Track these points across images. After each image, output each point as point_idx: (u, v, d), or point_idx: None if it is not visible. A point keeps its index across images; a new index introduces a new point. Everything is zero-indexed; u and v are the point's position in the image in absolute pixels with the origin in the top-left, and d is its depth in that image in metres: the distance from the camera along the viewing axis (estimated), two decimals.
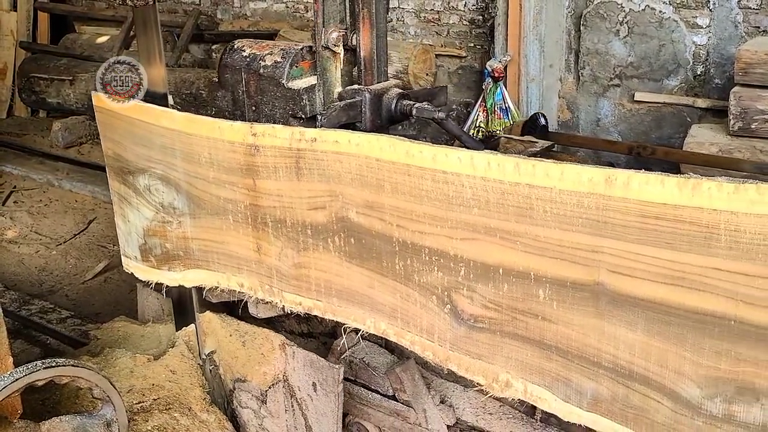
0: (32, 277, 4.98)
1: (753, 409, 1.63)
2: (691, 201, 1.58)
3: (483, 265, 1.94)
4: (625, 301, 1.74)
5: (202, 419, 2.66)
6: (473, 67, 6.37)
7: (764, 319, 1.56)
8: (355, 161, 2.08)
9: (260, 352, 2.73)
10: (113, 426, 2.24)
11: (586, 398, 1.88)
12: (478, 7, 6.27)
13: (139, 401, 2.60)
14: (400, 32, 6.72)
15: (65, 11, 8.57)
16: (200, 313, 2.81)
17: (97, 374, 2.18)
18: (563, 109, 5.91)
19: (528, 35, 5.67)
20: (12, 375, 2.03)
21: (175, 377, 2.74)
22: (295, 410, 2.72)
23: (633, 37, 5.47)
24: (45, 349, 3.83)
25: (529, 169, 1.78)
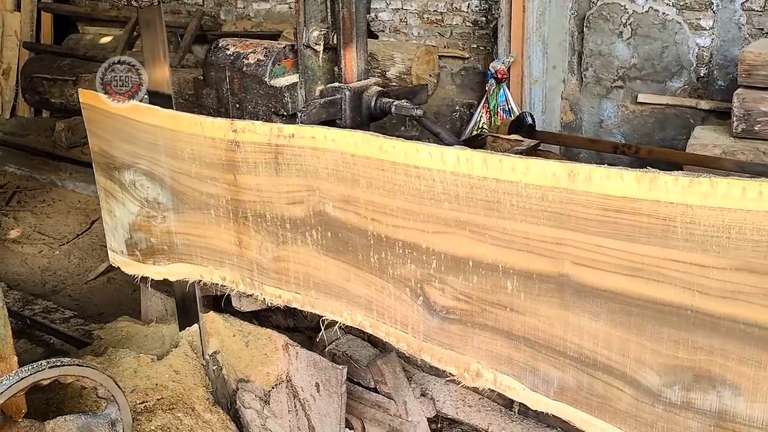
0: (35, 277, 5.03)
1: (709, 396, 1.68)
2: (648, 194, 1.63)
3: (454, 258, 1.99)
4: (588, 292, 1.79)
5: (205, 419, 2.68)
6: (476, 68, 6.40)
7: (718, 309, 1.61)
8: (331, 156, 2.14)
9: (263, 352, 2.76)
10: (118, 425, 2.25)
11: (553, 387, 1.93)
12: (481, 8, 6.30)
13: (143, 401, 2.61)
14: (404, 33, 6.75)
15: (69, 12, 8.61)
16: (204, 314, 2.83)
17: (102, 374, 2.20)
18: (566, 111, 5.92)
19: (531, 37, 5.69)
20: (17, 374, 2.03)
21: (178, 377, 2.75)
22: (298, 411, 2.75)
23: (636, 38, 5.48)
24: (48, 348, 3.88)
25: (496, 164, 1.83)
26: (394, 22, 6.82)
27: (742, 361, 1.61)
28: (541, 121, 5.72)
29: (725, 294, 1.60)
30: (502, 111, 5.67)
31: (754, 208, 1.51)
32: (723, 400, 1.67)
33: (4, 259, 5.19)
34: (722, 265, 1.58)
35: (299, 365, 2.66)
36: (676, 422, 1.74)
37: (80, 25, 8.51)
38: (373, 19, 6.84)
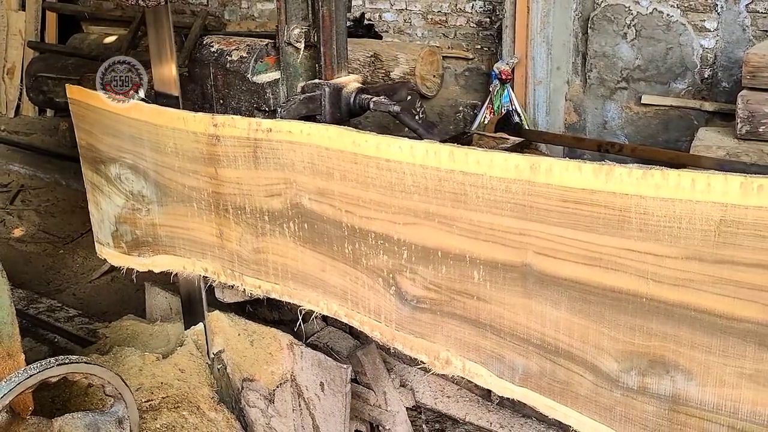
0: (40, 276, 5.06)
1: (663, 381, 1.75)
2: (605, 186, 1.69)
3: (423, 249, 2.05)
4: (550, 281, 1.85)
5: (210, 418, 2.70)
6: (480, 69, 6.41)
7: (671, 296, 1.67)
8: (307, 150, 2.20)
9: (268, 351, 2.80)
10: (125, 423, 2.26)
11: (518, 373, 1.99)
12: (485, 9, 6.31)
13: (148, 399, 2.63)
14: (407, 34, 6.77)
15: (73, 11, 8.58)
16: (209, 312, 2.86)
17: (109, 371, 2.20)
18: (570, 112, 5.93)
19: (535, 38, 5.71)
20: (26, 371, 2.05)
21: (183, 376, 2.77)
22: (303, 410, 2.79)
23: (640, 40, 5.48)
24: (53, 347, 3.88)
25: (463, 157, 1.89)
26: (398, 23, 6.83)
27: (694, 347, 1.68)
28: (545, 122, 5.79)
29: (677, 282, 1.66)
30: (506, 112, 5.63)
31: (702, 199, 1.57)
32: (676, 385, 1.73)
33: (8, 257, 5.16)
34: (674, 254, 1.64)
35: (304, 364, 2.69)
36: (634, 406, 1.81)
37: (85, 24, 8.50)
38: (377, 19, 6.86)
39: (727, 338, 1.63)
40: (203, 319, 2.84)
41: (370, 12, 6.91)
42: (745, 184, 1.52)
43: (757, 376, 1.61)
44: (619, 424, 1.85)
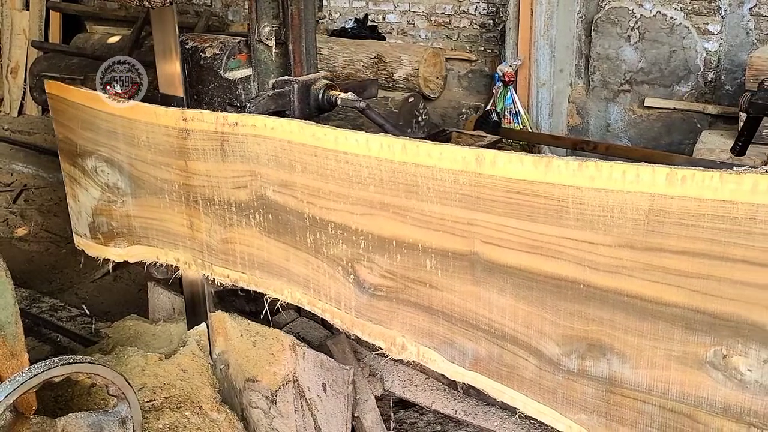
0: (42, 275, 5.05)
1: (600, 364, 1.83)
2: (545, 177, 1.78)
3: (379, 238, 2.13)
4: (496, 269, 1.93)
5: (212, 418, 2.70)
6: (483, 71, 6.40)
7: (606, 283, 1.76)
8: (270, 143, 2.28)
9: (270, 352, 2.80)
10: (128, 423, 2.26)
11: (468, 358, 2.07)
12: (488, 11, 6.32)
13: (151, 399, 2.64)
14: (411, 35, 6.77)
15: (77, 11, 8.55)
16: (212, 313, 2.86)
17: (113, 371, 2.21)
18: (573, 114, 5.94)
19: (539, 40, 5.71)
20: (30, 371, 2.05)
21: (186, 376, 2.77)
22: (305, 411, 2.79)
23: (644, 42, 5.49)
24: (55, 346, 3.89)
25: (414, 150, 1.98)
26: (402, 24, 6.84)
27: (627, 331, 1.76)
28: (548, 124, 5.79)
29: (611, 269, 1.74)
30: (509, 114, 5.69)
31: (632, 189, 1.66)
32: (612, 368, 1.81)
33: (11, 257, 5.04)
34: (608, 242, 1.73)
35: (306, 365, 2.70)
36: (574, 389, 1.89)
37: (88, 24, 8.50)
38: (380, 21, 6.88)
39: (656, 322, 1.71)
40: (206, 320, 2.86)
41: (373, 13, 6.94)
42: (671, 174, 1.61)
43: (685, 358, 1.70)
44: (561, 405, 1.93)
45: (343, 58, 6.13)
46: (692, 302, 1.65)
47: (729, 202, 1.55)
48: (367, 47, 6.20)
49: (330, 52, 6.16)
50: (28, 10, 8.16)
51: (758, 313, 1.57)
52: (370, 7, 6.96)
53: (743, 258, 1.56)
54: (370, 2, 6.97)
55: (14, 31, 8.12)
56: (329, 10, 7.21)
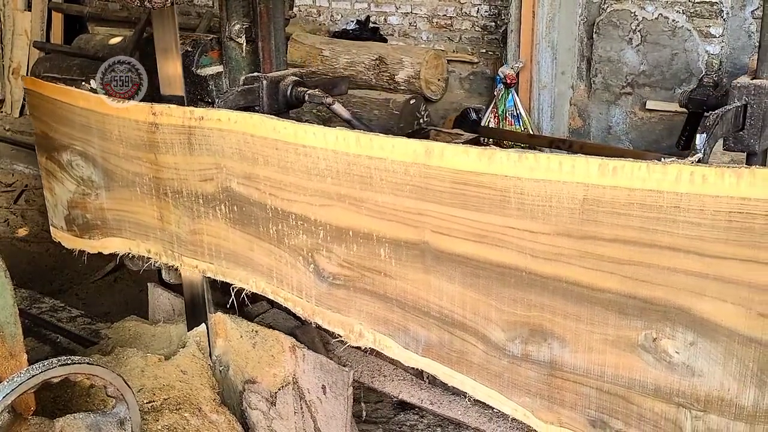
0: (43, 276, 5.01)
1: (542, 348, 1.90)
2: (489, 169, 1.85)
3: (337, 228, 2.21)
4: (445, 257, 2.00)
5: (211, 420, 2.68)
6: (485, 73, 6.39)
7: (546, 270, 1.83)
8: (234, 137, 2.36)
9: (270, 353, 2.79)
10: (126, 424, 2.25)
11: (421, 344, 2.14)
12: (490, 13, 6.32)
13: (150, 401, 2.62)
14: (413, 37, 6.77)
15: (79, 12, 8.51)
16: (212, 314, 2.86)
17: (112, 372, 2.20)
18: (574, 117, 5.93)
19: (540, 42, 5.71)
20: (29, 371, 2.03)
21: (185, 377, 2.76)
22: (305, 412, 2.79)
23: (645, 45, 5.47)
24: (55, 347, 3.85)
25: (368, 143, 2.05)
26: (404, 26, 6.85)
27: (566, 316, 1.83)
28: (549, 126, 5.79)
29: (550, 257, 1.82)
30: (511, 116, 5.69)
31: (568, 180, 1.73)
32: (553, 352, 1.89)
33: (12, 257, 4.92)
34: (547, 230, 1.80)
35: (306, 367, 2.70)
36: (519, 373, 1.96)
37: (90, 25, 8.47)
38: (382, 23, 6.89)
39: (593, 308, 1.79)
40: (206, 321, 2.86)
41: (375, 15, 6.95)
42: (603, 165, 1.69)
43: (618, 342, 1.77)
44: (507, 389, 2.01)
45: (344, 60, 6.15)
46: (624, 288, 1.72)
47: (655, 191, 1.62)
48: (368, 49, 6.21)
49: (331, 54, 6.18)
50: (30, 10, 8.16)
51: (684, 297, 1.65)
52: (372, 9, 6.98)
53: (669, 245, 1.64)
54: (372, 4, 6.99)
55: (16, 31, 8.13)
56: (331, 11, 7.23)
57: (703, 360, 1.66)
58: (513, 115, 5.68)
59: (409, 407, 3.39)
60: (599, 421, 1.86)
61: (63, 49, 7.83)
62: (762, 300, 1.55)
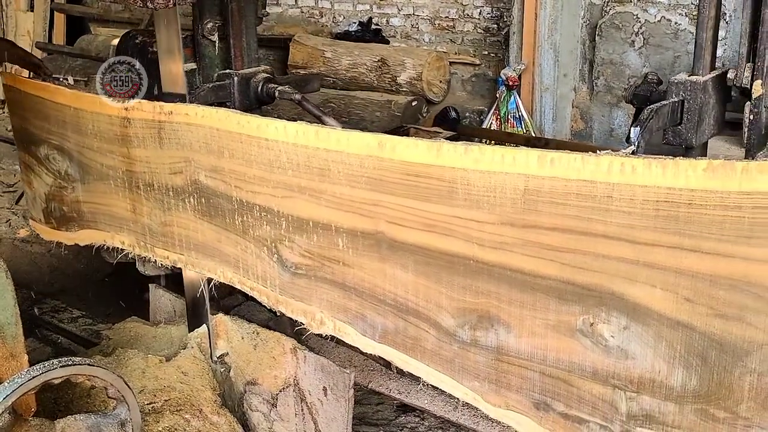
0: (44, 277, 5.02)
1: (490, 334, 1.98)
2: (437, 160, 1.92)
3: (298, 219, 2.28)
4: (399, 247, 2.08)
5: (212, 421, 2.70)
6: (487, 75, 6.39)
7: (492, 258, 1.90)
8: (201, 131, 2.43)
9: (271, 355, 2.80)
10: (127, 426, 2.26)
11: (378, 331, 2.22)
12: (492, 15, 6.31)
13: (151, 402, 2.64)
14: (415, 39, 6.77)
15: (81, 13, 8.53)
16: (213, 315, 2.89)
17: (112, 374, 2.21)
18: (577, 119, 5.91)
19: (543, 44, 5.71)
20: (29, 372, 2.04)
21: (186, 379, 2.78)
22: (305, 414, 2.79)
23: (648, 48, 5.47)
24: (56, 347, 3.90)
25: (326, 136, 2.13)
26: (406, 28, 6.86)
27: (511, 303, 1.91)
28: (551, 129, 5.80)
29: (495, 245, 1.89)
30: (513, 118, 5.70)
31: (510, 171, 1.81)
32: (499, 337, 1.96)
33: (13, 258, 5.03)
34: (492, 220, 1.87)
35: (307, 369, 2.71)
36: (468, 358, 2.04)
37: (93, 26, 8.46)
38: (384, 24, 6.91)
39: (535, 294, 1.86)
40: (207, 322, 2.88)
41: (377, 17, 6.97)
42: (541, 157, 1.76)
43: (559, 327, 1.85)
44: (458, 374, 2.08)
45: (346, 62, 6.16)
46: (563, 274, 1.80)
47: (590, 181, 1.70)
48: (370, 50, 6.21)
49: (334, 55, 6.20)
50: (32, 11, 8.19)
51: (618, 283, 1.72)
52: (374, 11, 6.99)
53: (603, 233, 1.71)
54: (374, 5, 7.01)
55: (18, 32, 8.16)
56: (333, 12, 7.25)
57: (636, 343, 1.73)
58: (515, 118, 5.70)
59: (409, 410, 3.41)
60: (543, 403, 1.94)
61: (65, 50, 7.94)
62: (687, 285, 1.62)
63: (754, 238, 1.51)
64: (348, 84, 6.06)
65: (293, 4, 7.54)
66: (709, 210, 1.55)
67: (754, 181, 1.49)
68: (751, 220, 1.50)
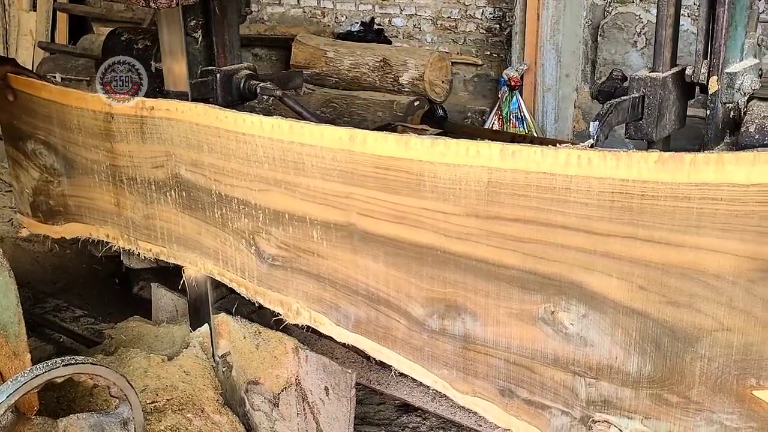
0: (46, 276, 4.98)
1: (457, 323, 2.03)
2: (406, 154, 1.98)
3: (274, 212, 2.34)
4: (370, 238, 2.13)
5: (214, 420, 2.70)
6: (489, 75, 6.39)
7: (458, 249, 1.96)
8: (182, 126, 2.49)
9: (273, 355, 2.79)
10: (129, 425, 2.26)
11: (351, 321, 2.27)
12: (495, 15, 6.31)
13: (153, 401, 2.64)
14: (417, 39, 6.78)
15: (84, 12, 8.51)
16: (215, 315, 2.88)
17: (115, 373, 2.21)
18: (578, 119, 5.91)
19: (545, 45, 5.71)
20: (32, 371, 2.05)
21: (188, 378, 2.78)
22: (307, 414, 2.79)
23: (650, 48, 5.19)
24: (58, 346, 3.86)
25: (300, 130, 2.18)
26: (408, 28, 6.86)
27: (477, 292, 1.96)
28: (553, 129, 5.81)
29: (461, 236, 1.94)
30: (515, 118, 5.69)
31: (474, 164, 1.86)
32: (466, 326, 2.02)
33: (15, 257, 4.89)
34: (457, 211, 1.93)
35: (309, 368, 2.71)
36: (437, 346, 2.09)
37: (95, 25, 8.42)
38: (387, 24, 6.92)
39: (499, 283, 1.91)
40: (209, 321, 2.88)
41: (379, 17, 6.97)
42: (503, 150, 1.81)
43: (522, 315, 1.90)
44: (427, 362, 2.13)
45: (348, 62, 6.16)
46: (525, 264, 1.85)
47: (549, 174, 1.75)
48: (373, 51, 6.18)
49: (336, 55, 6.19)
50: (35, 11, 8.18)
51: (576, 273, 1.78)
52: (376, 11, 7.00)
53: (563, 224, 1.77)
54: (376, 6, 7.01)
55: (21, 31, 8.16)
56: (335, 12, 7.26)
57: (594, 331, 1.79)
58: (517, 118, 5.69)
59: (411, 409, 3.41)
60: (508, 390, 1.99)
61: (68, 50, 7.92)
62: (641, 274, 1.68)
63: (702, 228, 1.57)
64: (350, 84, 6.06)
65: (295, 4, 7.55)
66: (660, 201, 1.61)
67: (701, 173, 1.54)
68: (699, 210, 1.56)
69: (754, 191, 1.48)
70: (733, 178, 1.50)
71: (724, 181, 1.51)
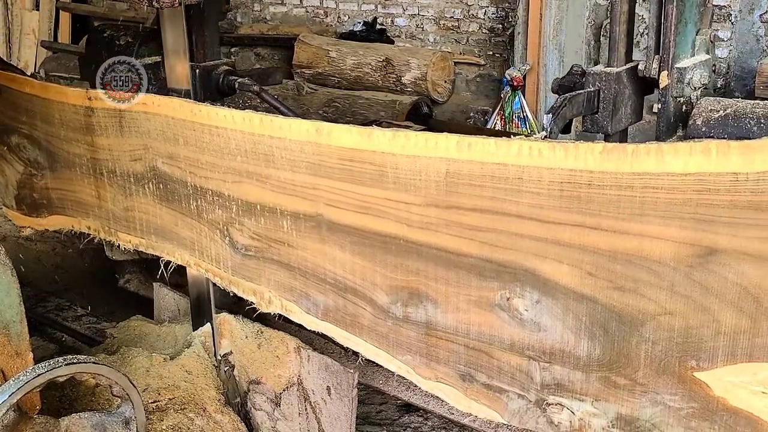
0: (48, 275, 5.00)
1: (419, 310, 2.09)
2: (369, 146, 2.04)
3: (247, 203, 2.40)
4: (336, 228, 2.19)
5: (216, 420, 2.71)
6: (492, 75, 6.42)
7: (419, 238, 2.02)
8: (158, 119, 2.55)
9: (275, 354, 2.83)
10: (131, 424, 2.26)
11: (320, 309, 2.33)
12: (497, 15, 6.34)
13: (155, 400, 2.65)
14: (419, 39, 6.80)
15: (86, 11, 8.55)
16: (217, 314, 2.90)
17: (117, 372, 2.22)
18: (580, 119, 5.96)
19: (548, 45, 5.73)
20: (34, 370, 2.05)
21: (190, 377, 2.79)
22: (309, 414, 2.82)
23: None
24: (60, 345, 3.91)
25: (269, 123, 2.24)
26: (411, 28, 6.89)
27: (438, 280, 2.02)
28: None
29: (423, 226, 2.00)
30: (517, 118, 5.71)
31: (433, 155, 1.92)
32: (428, 313, 2.08)
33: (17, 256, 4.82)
34: (418, 202, 1.99)
35: (311, 368, 2.74)
36: (401, 333, 2.15)
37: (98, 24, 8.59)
38: (389, 24, 6.95)
39: (458, 271, 1.97)
40: (211, 321, 2.90)
41: (382, 17, 7.00)
42: (460, 142, 1.87)
43: (480, 302, 1.96)
44: (392, 348, 2.19)
45: (351, 61, 6.18)
46: (482, 252, 1.91)
47: (502, 164, 1.81)
48: (375, 50, 6.21)
49: (338, 55, 6.21)
50: (38, 10, 8.24)
51: (530, 260, 1.84)
52: (379, 11, 7.02)
53: (516, 213, 1.83)
54: (379, 5, 7.05)
55: (24, 30, 8.20)
56: (338, 12, 7.29)
57: (547, 316, 1.85)
58: (519, 118, 5.71)
59: (413, 409, 3.46)
60: (468, 375, 2.05)
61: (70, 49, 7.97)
62: (590, 260, 1.74)
63: (645, 216, 1.63)
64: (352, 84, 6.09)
65: (298, 3, 7.57)
66: (606, 190, 1.67)
67: (642, 163, 1.60)
68: (642, 198, 1.62)
69: (690, 180, 1.55)
70: (671, 168, 1.56)
71: (664, 171, 1.57)
